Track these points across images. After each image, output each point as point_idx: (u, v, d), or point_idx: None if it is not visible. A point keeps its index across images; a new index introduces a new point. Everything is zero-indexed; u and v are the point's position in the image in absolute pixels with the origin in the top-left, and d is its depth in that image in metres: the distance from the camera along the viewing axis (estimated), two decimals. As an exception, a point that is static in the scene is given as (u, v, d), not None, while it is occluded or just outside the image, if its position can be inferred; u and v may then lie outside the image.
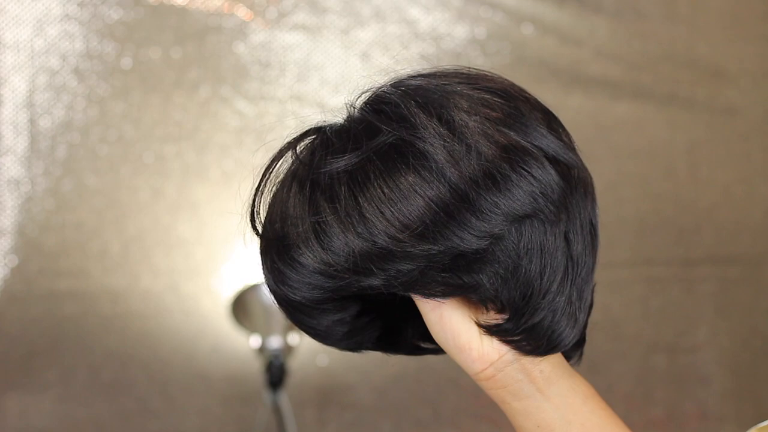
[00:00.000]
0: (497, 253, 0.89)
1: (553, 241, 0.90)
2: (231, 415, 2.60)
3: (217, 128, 2.58)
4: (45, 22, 2.50)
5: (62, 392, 2.54)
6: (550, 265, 0.90)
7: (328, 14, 2.59)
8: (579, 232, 0.92)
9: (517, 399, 0.94)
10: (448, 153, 0.89)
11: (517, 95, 0.97)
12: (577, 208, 0.92)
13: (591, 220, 0.94)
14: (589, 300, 0.95)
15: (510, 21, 2.66)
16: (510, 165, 0.89)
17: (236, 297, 2.47)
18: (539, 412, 0.94)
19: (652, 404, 2.72)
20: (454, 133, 0.89)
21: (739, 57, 2.78)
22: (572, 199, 0.91)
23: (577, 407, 0.95)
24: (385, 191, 0.90)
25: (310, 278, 0.94)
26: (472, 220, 0.88)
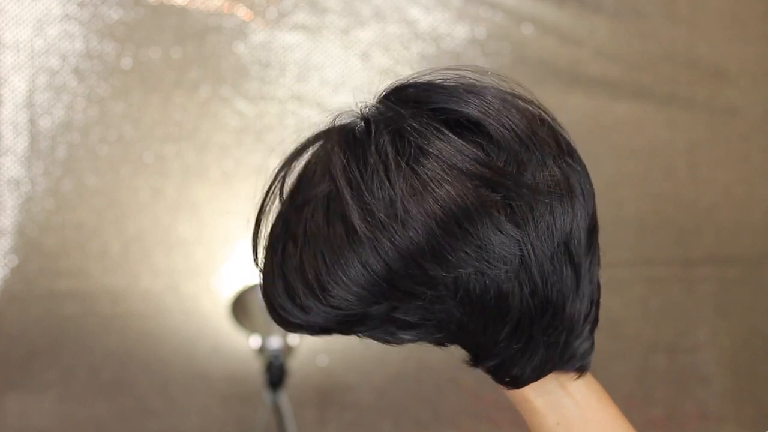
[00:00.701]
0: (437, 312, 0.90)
1: (495, 296, 0.88)
2: (231, 415, 2.60)
3: (217, 128, 2.58)
4: (45, 22, 2.50)
5: (62, 392, 2.54)
6: (495, 319, 0.89)
7: (328, 14, 2.59)
8: (535, 277, 0.88)
9: (541, 395, 0.94)
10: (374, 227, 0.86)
11: (529, 136, 0.92)
12: (536, 248, 0.88)
13: (569, 250, 0.89)
14: (577, 323, 0.92)
15: (510, 21, 2.66)
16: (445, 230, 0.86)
17: (236, 297, 2.47)
18: (561, 408, 0.94)
19: (652, 404, 2.72)
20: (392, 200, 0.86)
21: (739, 57, 2.77)
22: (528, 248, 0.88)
23: (593, 405, 0.95)
24: (325, 259, 0.89)
25: (304, 323, 0.93)
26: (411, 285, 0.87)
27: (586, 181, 0.92)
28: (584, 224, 0.90)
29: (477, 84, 0.94)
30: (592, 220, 0.92)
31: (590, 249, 0.91)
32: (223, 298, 2.53)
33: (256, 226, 0.96)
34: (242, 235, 2.73)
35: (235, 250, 2.58)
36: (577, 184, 0.90)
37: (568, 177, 0.90)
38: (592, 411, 0.95)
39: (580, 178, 0.91)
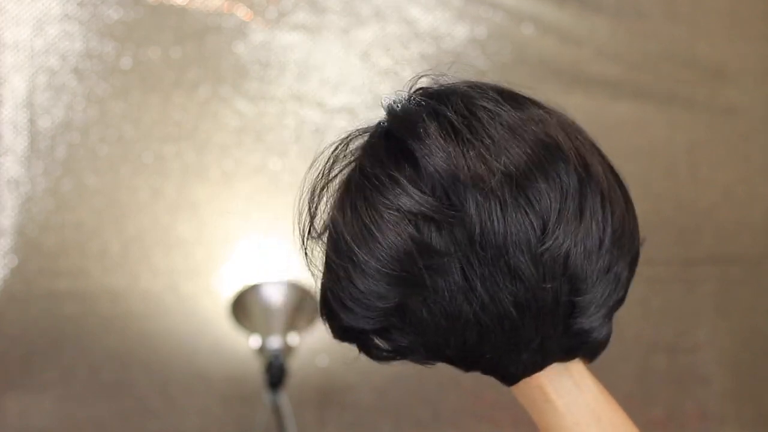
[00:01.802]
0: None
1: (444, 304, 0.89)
2: (231, 415, 2.60)
3: (217, 128, 2.58)
4: (45, 21, 2.50)
5: (62, 392, 2.54)
6: (454, 336, 0.91)
7: (328, 14, 2.59)
8: (481, 293, 0.88)
9: (561, 396, 0.94)
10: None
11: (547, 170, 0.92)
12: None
13: (509, 264, 0.89)
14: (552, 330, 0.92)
15: (510, 21, 2.66)
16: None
17: (236, 297, 2.47)
18: (577, 408, 0.94)
19: (652, 404, 2.72)
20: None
21: (739, 57, 2.77)
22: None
23: (604, 404, 0.95)
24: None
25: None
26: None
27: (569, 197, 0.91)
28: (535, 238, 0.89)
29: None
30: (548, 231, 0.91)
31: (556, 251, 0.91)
32: (223, 298, 2.53)
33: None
34: (242, 235, 2.73)
35: (235, 250, 2.58)
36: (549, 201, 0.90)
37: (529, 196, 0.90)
38: (602, 410, 0.95)
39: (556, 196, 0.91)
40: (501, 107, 0.92)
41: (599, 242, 0.91)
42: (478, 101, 0.92)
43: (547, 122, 0.92)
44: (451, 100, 0.92)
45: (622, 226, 0.94)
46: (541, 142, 0.90)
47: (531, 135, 0.90)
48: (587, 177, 0.92)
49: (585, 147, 0.94)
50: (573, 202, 0.90)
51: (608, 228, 0.92)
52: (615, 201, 0.94)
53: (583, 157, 0.92)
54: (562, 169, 0.90)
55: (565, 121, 0.95)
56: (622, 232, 0.94)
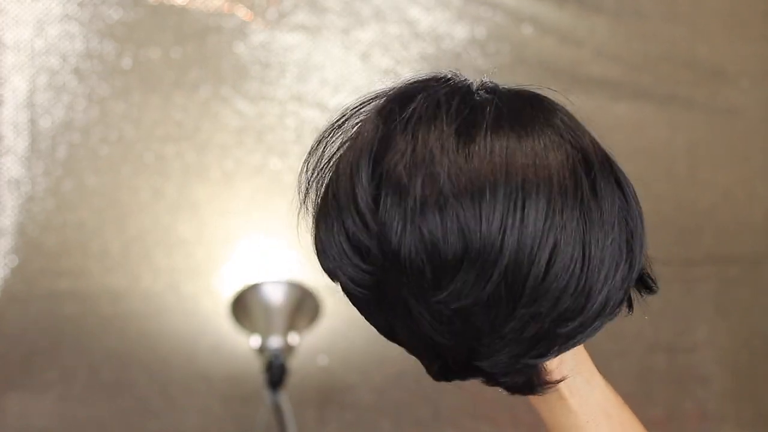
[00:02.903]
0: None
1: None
2: (231, 415, 2.60)
3: (218, 128, 2.58)
4: (45, 22, 2.50)
5: (62, 392, 2.54)
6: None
7: (328, 14, 2.59)
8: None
9: (572, 393, 0.93)
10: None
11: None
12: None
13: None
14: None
15: (510, 21, 2.66)
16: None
17: (236, 297, 2.47)
18: (589, 406, 0.93)
19: (651, 404, 2.72)
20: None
21: (739, 57, 2.77)
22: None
23: (613, 401, 0.94)
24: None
25: None
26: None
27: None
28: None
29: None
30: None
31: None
32: (223, 298, 2.53)
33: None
34: (243, 235, 2.74)
35: (236, 250, 2.59)
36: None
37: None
38: (613, 408, 0.94)
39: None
40: (452, 146, 0.87)
41: (512, 306, 0.87)
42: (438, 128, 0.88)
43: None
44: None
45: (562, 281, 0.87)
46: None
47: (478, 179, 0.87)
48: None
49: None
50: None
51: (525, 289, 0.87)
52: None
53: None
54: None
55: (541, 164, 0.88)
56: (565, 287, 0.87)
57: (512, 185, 0.85)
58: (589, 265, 0.87)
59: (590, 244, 0.87)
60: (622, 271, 0.90)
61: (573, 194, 0.87)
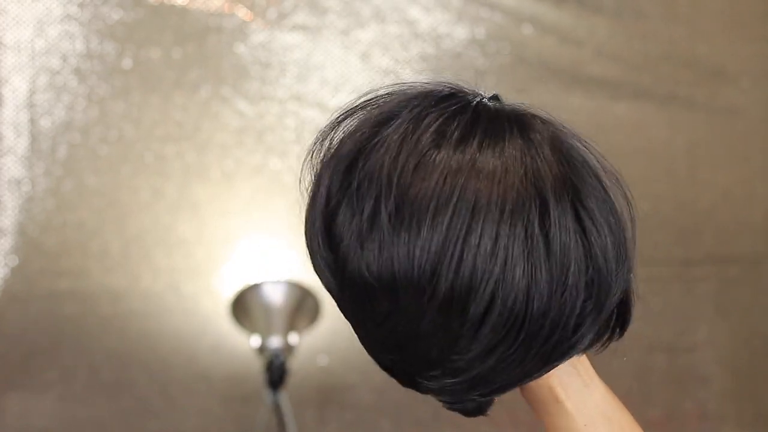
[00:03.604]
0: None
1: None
2: (231, 415, 2.60)
3: (218, 128, 2.58)
4: (45, 22, 2.50)
5: (62, 392, 2.54)
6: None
7: (328, 14, 2.60)
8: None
9: (569, 396, 0.92)
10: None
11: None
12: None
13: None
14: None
15: (510, 21, 2.66)
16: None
17: (236, 297, 2.47)
18: (587, 408, 0.92)
19: (651, 404, 2.72)
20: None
21: (739, 57, 2.77)
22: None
23: (612, 403, 0.93)
24: None
25: None
26: None
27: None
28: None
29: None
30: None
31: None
32: (223, 298, 2.53)
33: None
34: (243, 235, 2.74)
35: (236, 250, 2.59)
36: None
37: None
38: (612, 410, 0.93)
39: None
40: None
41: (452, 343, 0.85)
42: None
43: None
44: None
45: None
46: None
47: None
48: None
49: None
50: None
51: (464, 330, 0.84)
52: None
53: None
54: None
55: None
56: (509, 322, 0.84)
57: (458, 213, 0.81)
58: (533, 306, 0.82)
59: (538, 282, 0.82)
60: (581, 312, 0.85)
61: (523, 229, 0.82)
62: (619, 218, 0.88)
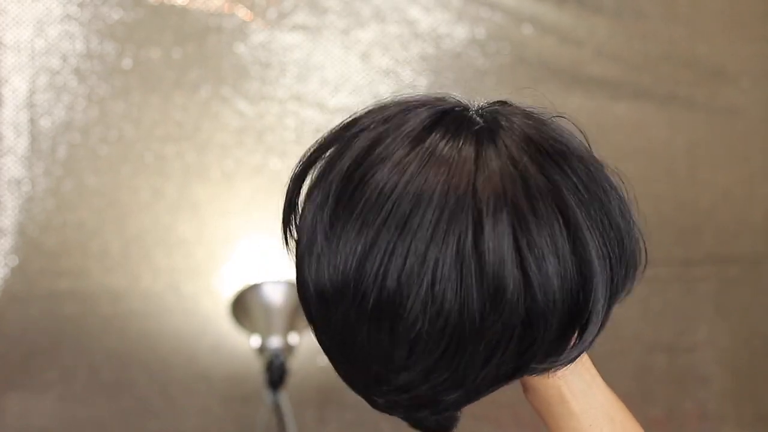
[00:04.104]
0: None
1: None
2: (231, 415, 2.60)
3: (218, 128, 2.58)
4: (45, 22, 2.50)
5: (62, 392, 2.54)
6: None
7: (328, 14, 2.60)
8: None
9: (575, 396, 0.91)
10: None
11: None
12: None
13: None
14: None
15: (510, 21, 2.66)
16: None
17: (236, 297, 2.47)
18: (591, 409, 0.91)
19: (651, 404, 2.72)
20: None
21: (739, 57, 2.78)
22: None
23: (614, 404, 0.93)
24: None
25: None
26: None
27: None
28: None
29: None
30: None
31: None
32: (223, 298, 2.53)
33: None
34: (243, 235, 2.73)
35: (236, 250, 2.59)
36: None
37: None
38: (615, 411, 0.93)
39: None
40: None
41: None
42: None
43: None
44: None
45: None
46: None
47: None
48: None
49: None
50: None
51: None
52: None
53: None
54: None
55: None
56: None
57: (387, 228, 0.79)
58: (466, 327, 0.79)
59: (470, 305, 0.79)
60: (525, 337, 0.81)
61: (454, 249, 0.78)
62: (583, 243, 0.80)
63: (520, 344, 0.80)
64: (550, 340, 0.81)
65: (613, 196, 0.86)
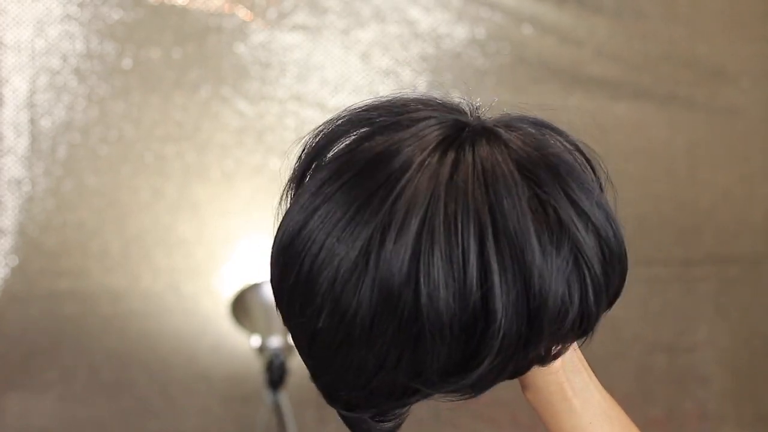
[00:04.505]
0: None
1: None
2: (231, 415, 2.60)
3: (218, 128, 2.58)
4: (45, 22, 2.50)
5: (62, 392, 2.54)
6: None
7: (328, 14, 2.60)
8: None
9: (576, 393, 0.90)
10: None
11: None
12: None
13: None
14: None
15: (510, 21, 2.66)
16: None
17: (236, 297, 2.47)
18: (591, 406, 0.91)
19: (651, 404, 2.72)
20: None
21: (739, 57, 2.78)
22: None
23: (611, 402, 0.93)
24: None
25: None
26: None
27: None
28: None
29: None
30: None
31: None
32: (223, 298, 2.53)
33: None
34: (243, 235, 2.73)
35: (236, 250, 2.59)
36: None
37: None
38: (612, 409, 0.93)
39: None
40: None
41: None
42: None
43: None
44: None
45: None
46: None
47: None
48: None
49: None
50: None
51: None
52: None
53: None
54: None
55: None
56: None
57: (339, 195, 0.80)
58: (358, 329, 0.79)
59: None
60: (408, 356, 0.80)
61: (366, 238, 0.78)
62: (490, 277, 0.76)
63: (413, 361, 0.79)
64: (445, 363, 0.79)
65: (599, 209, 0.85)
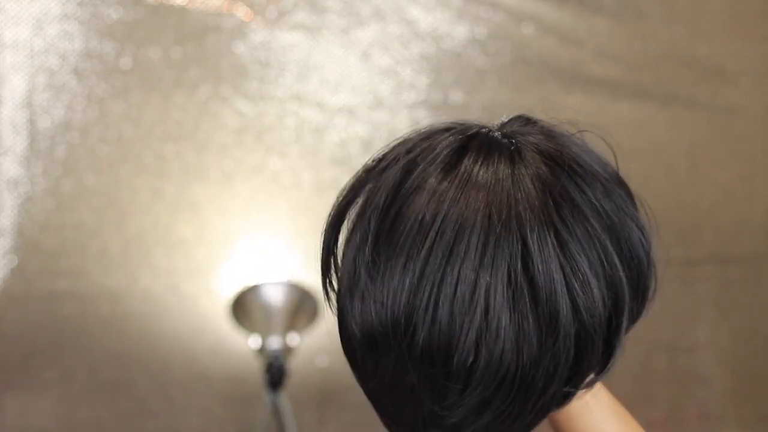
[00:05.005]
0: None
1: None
2: (231, 415, 2.60)
3: (217, 128, 2.58)
4: (44, 21, 2.50)
5: (62, 392, 2.54)
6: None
7: (328, 14, 2.59)
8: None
9: (592, 394, 0.90)
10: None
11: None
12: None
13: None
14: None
15: (510, 21, 2.66)
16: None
17: (236, 297, 2.47)
18: (601, 405, 0.92)
19: (652, 404, 2.72)
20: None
21: (739, 57, 2.77)
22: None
23: (615, 400, 0.93)
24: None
25: None
26: None
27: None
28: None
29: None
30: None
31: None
32: (223, 298, 2.53)
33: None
34: (242, 235, 2.73)
35: (236, 250, 2.58)
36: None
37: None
38: (618, 408, 0.93)
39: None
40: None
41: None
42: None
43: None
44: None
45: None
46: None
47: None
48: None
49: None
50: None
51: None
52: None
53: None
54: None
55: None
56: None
57: (434, 256, 0.77)
58: (524, 357, 0.77)
59: (526, 331, 0.77)
60: (577, 361, 0.79)
61: (505, 275, 0.76)
62: (613, 267, 0.80)
63: (570, 370, 0.79)
64: (594, 364, 0.80)
65: (633, 223, 0.86)
